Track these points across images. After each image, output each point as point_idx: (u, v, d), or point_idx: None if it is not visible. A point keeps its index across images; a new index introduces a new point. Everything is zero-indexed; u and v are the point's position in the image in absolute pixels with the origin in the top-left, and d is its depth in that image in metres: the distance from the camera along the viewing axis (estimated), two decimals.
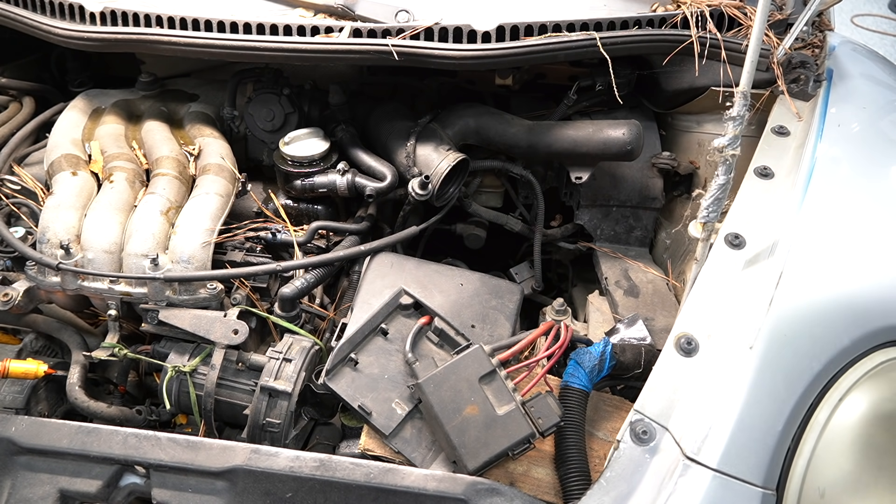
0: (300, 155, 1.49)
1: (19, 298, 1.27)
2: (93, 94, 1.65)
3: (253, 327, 1.26)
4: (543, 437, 1.05)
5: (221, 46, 1.39)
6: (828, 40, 1.49)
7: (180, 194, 1.38)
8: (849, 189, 1.15)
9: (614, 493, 0.90)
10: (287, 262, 1.35)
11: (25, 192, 1.44)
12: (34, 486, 1.00)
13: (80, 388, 1.23)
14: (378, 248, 1.40)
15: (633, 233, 1.67)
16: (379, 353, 1.20)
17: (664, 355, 1.00)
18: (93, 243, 1.27)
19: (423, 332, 1.22)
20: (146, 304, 1.27)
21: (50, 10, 1.50)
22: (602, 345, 1.17)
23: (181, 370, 1.21)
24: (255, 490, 0.97)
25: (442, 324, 1.22)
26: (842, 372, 0.95)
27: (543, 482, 1.08)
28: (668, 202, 1.67)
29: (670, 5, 1.50)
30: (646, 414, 0.94)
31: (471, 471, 1.01)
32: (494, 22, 1.38)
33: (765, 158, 1.23)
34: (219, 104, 1.64)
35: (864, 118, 1.30)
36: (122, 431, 1.02)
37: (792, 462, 0.90)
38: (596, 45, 1.37)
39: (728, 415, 0.91)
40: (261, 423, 1.16)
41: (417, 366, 1.14)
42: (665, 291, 1.49)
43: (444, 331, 1.21)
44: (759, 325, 0.96)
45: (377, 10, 1.45)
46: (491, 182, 1.77)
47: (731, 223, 1.12)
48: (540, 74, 1.73)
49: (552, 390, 1.11)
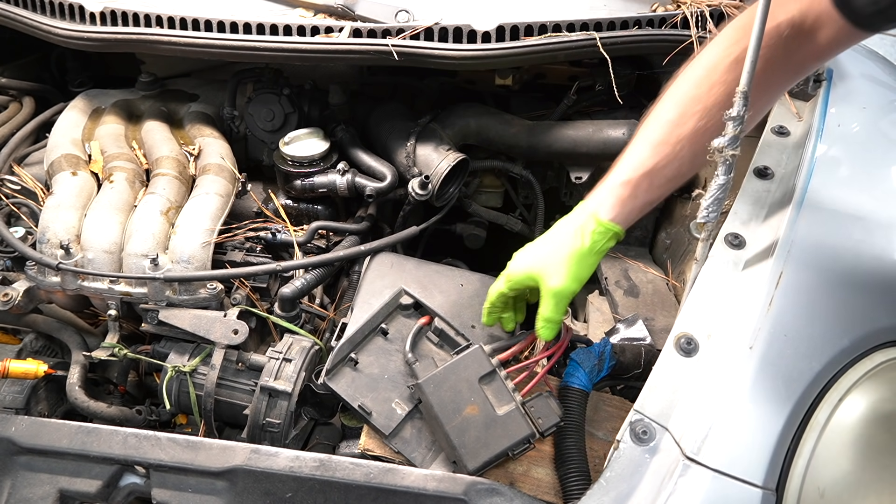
0: (300, 155, 1.49)
1: (19, 298, 1.27)
2: (93, 94, 1.65)
3: (253, 327, 1.26)
4: (543, 437, 1.05)
5: (221, 46, 1.39)
6: None
7: (180, 194, 1.38)
8: (849, 189, 1.15)
9: (614, 493, 0.90)
10: (287, 262, 1.35)
11: (25, 192, 1.44)
12: (34, 486, 1.00)
13: (80, 388, 1.23)
14: (378, 248, 1.40)
15: (633, 233, 1.67)
16: (379, 353, 1.20)
17: (664, 355, 1.00)
18: (93, 243, 1.27)
19: (423, 333, 1.22)
20: (146, 304, 1.27)
21: (50, 10, 1.50)
22: (602, 345, 1.17)
23: (181, 370, 1.21)
24: (255, 490, 0.97)
25: (442, 324, 1.22)
26: (842, 372, 0.95)
27: (543, 482, 1.08)
28: (668, 202, 1.67)
29: (670, 5, 1.50)
30: (646, 414, 0.94)
31: (471, 471, 1.01)
32: (494, 22, 1.38)
33: (765, 158, 1.23)
34: (219, 104, 1.64)
35: (864, 118, 1.30)
36: (122, 431, 1.02)
37: (792, 462, 0.90)
38: (596, 45, 1.37)
39: (728, 415, 0.91)
40: (261, 423, 1.16)
41: (417, 366, 1.14)
42: (665, 291, 1.49)
43: (444, 331, 1.21)
44: (759, 325, 0.96)
45: (377, 10, 1.45)
46: (491, 182, 1.77)
47: (731, 223, 1.13)
48: (540, 74, 1.73)
49: (552, 390, 1.11)
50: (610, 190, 1.05)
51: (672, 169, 1.04)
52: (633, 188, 1.04)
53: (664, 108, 1.05)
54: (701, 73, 1.02)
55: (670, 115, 1.03)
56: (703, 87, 1.01)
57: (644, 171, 1.03)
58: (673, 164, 1.03)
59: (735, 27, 1.02)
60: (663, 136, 1.03)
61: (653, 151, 1.03)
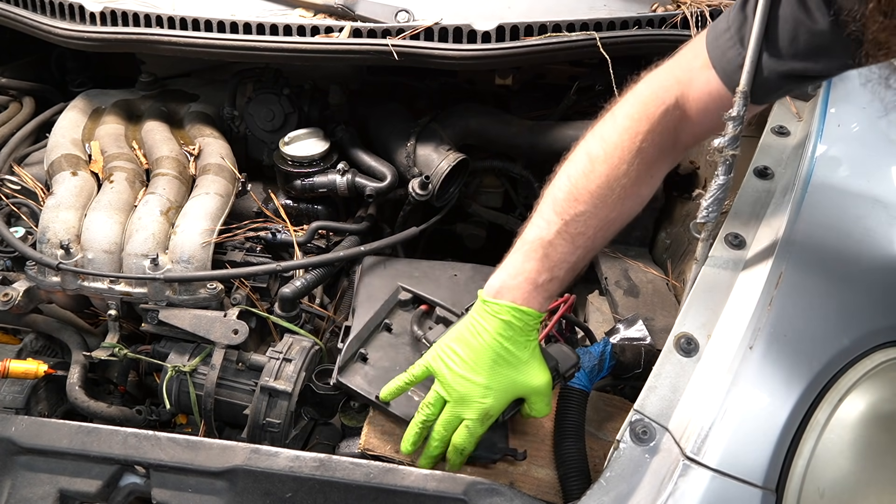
0: (300, 155, 1.49)
1: (19, 298, 1.27)
2: (93, 94, 1.65)
3: (253, 327, 1.26)
4: (566, 381, 1.07)
5: (221, 46, 1.39)
6: None
7: (180, 194, 1.38)
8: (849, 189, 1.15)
9: (614, 493, 0.90)
10: (287, 262, 1.35)
11: (25, 192, 1.44)
12: (34, 486, 1.00)
13: (80, 388, 1.23)
14: (378, 248, 1.40)
15: (633, 233, 1.67)
16: (387, 348, 1.20)
17: (664, 355, 1.00)
18: (93, 243, 1.27)
19: (425, 319, 1.23)
20: (146, 304, 1.27)
21: (50, 10, 1.50)
22: (602, 345, 1.17)
23: (181, 370, 1.21)
24: (255, 490, 0.97)
25: (443, 312, 1.23)
26: (842, 372, 0.95)
27: (543, 482, 1.08)
28: (668, 202, 1.67)
29: (670, 5, 1.50)
30: (645, 414, 0.94)
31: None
32: (494, 22, 1.38)
33: (765, 158, 1.23)
34: (219, 104, 1.64)
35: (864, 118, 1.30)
36: (122, 431, 1.02)
37: (792, 462, 0.90)
38: (596, 45, 1.37)
39: (728, 415, 0.91)
40: (261, 422, 1.16)
41: (429, 334, 1.14)
42: (665, 291, 1.49)
43: (446, 317, 1.22)
44: (759, 325, 0.96)
45: (377, 10, 1.45)
46: (491, 182, 1.77)
47: (731, 223, 1.12)
48: (540, 74, 1.73)
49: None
50: (523, 292, 1.01)
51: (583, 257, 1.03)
52: (546, 288, 1.02)
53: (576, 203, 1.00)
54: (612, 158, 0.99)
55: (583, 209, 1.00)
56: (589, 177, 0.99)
57: (559, 275, 1.01)
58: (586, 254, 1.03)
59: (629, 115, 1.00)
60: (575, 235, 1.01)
61: (567, 253, 1.01)
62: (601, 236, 1.02)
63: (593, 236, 1.00)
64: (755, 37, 0.89)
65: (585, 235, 1.00)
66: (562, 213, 1.00)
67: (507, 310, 0.99)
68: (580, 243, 1.00)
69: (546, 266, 1.00)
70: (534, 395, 1.02)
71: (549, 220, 1.00)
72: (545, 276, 1.00)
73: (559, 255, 1.00)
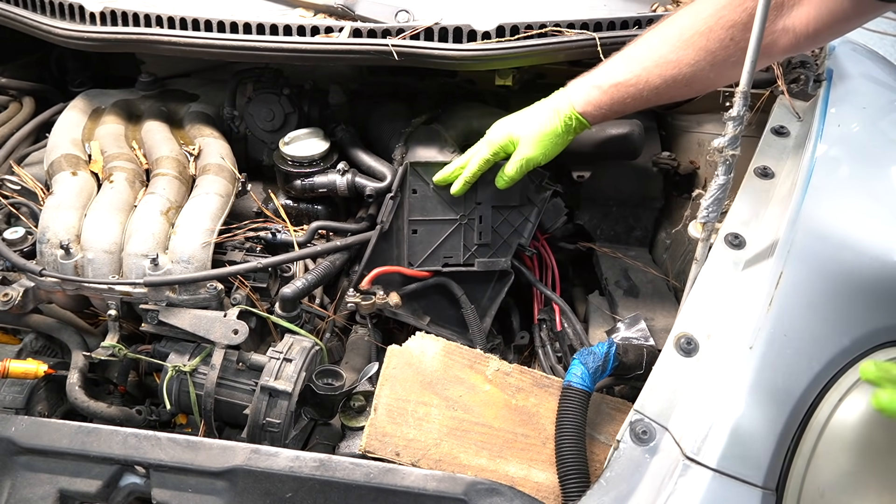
0: (300, 155, 1.49)
1: (19, 298, 1.27)
2: (93, 94, 1.65)
3: (253, 327, 1.26)
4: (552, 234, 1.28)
5: (221, 46, 1.39)
6: None
7: (180, 194, 1.38)
8: (849, 189, 1.15)
9: (614, 494, 0.90)
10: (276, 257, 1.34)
11: (25, 192, 1.43)
12: (34, 486, 1.00)
13: (80, 388, 1.23)
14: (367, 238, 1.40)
15: (633, 233, 1.67)
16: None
17: (664, 355, 1.00)
18: (93, 243, 1.27)
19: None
20: (146, 305, 1.27)
21: (50, 10, 1.50)
22: (606, 345, 1.16)
23: (181, 370, 1.21)
24: (255, 490, 0.97)
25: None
26: (842, 372, 0.95)
27: (543, 486, 1.08)
28: (668, 202, 1.67)
29: (670, 5, 1.50)
30: (645, 414, 0.94)
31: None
32: (494, 21, 1.38)
33: (765, 158, 1.24)
34: (219, 104, 1.64)
35: (864, 118, 1.30)
36: (122, 431, 1.02)
37: (792, 462, 0.90)
38: (596, 45, 1.37)
39: (728, 415, 0.91)
40: (261, 423, 1.16)
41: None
42: (665, 291, 1.49)
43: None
44: (759, 325, 0.96)
45: (377, 10, 1.45)
46: None
47: (731, 223, 1.13)
48: (540, 74, 1.72)
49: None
50: (586, 88, 1.22)
51: (638, 90, 1.18)
52: (601, 94, 1.20)
53: (653, 36, 1.17)
54: (700, 14, 1.11)
55: (653, 42, 1.16)
56: (697, 28, 1.11)
57: (614, 83, 1.19)
58: (640, 88, 1.18)
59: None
60: (640, 59, 1.17)
61: (627, 69, 1.18)
62: (657, 73, 1.15)
63: (647, 67, 1.15)
64: (755, 37, 0.89)
65: (638, 60, 1.17)
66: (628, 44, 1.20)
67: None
68: (633, 68, 1.17)
69: (599, 72, 1.22)
70: (521, 159, 1.26)
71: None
72: (595, 81, 1.22)
73: (610, 66, 1.20)
